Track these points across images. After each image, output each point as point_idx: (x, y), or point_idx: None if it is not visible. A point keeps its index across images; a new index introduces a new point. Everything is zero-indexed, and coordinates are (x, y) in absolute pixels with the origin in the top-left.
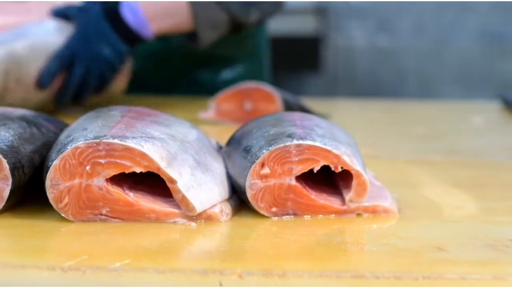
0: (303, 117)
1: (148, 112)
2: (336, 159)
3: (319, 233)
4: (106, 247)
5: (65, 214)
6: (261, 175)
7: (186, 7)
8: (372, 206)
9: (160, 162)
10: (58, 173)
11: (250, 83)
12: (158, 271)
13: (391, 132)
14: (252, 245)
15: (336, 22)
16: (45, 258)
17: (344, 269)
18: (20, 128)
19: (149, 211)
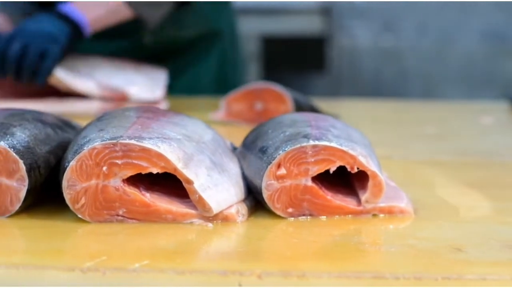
0: (318, 117)
1: (163, 113)
2: (352, 160)
3: (335, 233)
4: (124, 248)
5: (81, 215)
6: (277, 176)
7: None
8: (388, 206)
9: (177, 163)
10: (75, 174)
11: (260, 84)
12: (177, 272)
13: (400, 132)
14: (270, 246)
15: (340, 22)
16: (64, 259)
17: (363, 269)
18: (35, 129)
19: (166, 212)
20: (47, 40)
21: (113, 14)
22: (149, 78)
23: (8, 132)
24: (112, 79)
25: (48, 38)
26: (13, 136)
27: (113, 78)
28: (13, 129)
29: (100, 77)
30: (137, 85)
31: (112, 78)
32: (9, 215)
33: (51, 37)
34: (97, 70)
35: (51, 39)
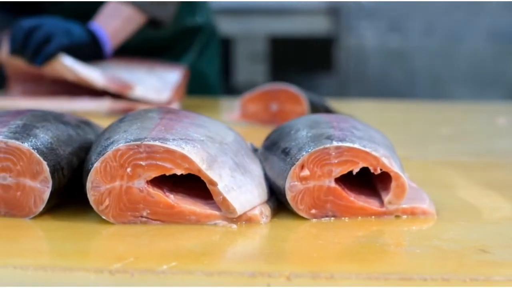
0: (340, 118)
1: (185, 114)
2: (375, 161)
3: (359, 235)
4: (150, 250)
5: (105, 216)
6: (301, 177)
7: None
8: (410, 208)
9: (201, 164)
10: (99, 175)
11: (276, 85)
12: (206, 274)
13: (415, 133)
14: (296, 247)
15: (347, 22)
16: (91, 261)
17: (390, 271)
18: (57, 130)
19: (190, 213)
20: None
21: (129, 23)
22: (158, 79)
23: (31, 133)
24: (118, 74)
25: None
26: (36, 138)
27: (120, 74)
28: (36, 130)
29: (107, 70)
30: (143, 85)
31: (119, 74)
32: (32, 216)
33: (65, 30)
34: (105, 66)
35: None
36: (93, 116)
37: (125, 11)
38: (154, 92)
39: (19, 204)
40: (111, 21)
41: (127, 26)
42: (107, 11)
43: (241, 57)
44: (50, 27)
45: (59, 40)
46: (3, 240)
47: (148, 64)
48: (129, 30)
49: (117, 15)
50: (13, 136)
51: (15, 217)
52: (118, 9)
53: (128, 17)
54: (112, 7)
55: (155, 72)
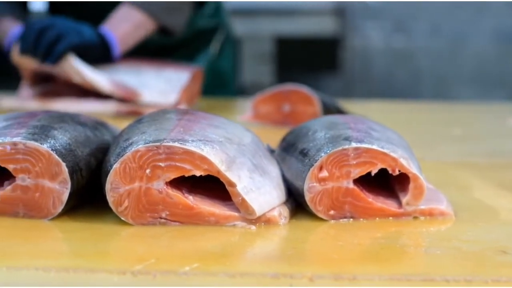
0: (356, 119)
1: (203, 115)
2: (394, 162)
3: (378, 236)
4: (171, 251)
5: (124, 217)
6: (319, 178)
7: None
8: (428, 209)
9: (220, 166)
10: (118, 176)
11: (288, 85)
12: (228, 275)
13: (426, 133)
14: (316, 248)
15: (353, 23)
16: (113, 262)
17: (412, 272)
18: (75, 131)
19: (209, 215)
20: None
21: (139, 29)
22: (166, 81)
23: (50, 134)
24: (125, 79)
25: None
26: (54, 139)
27: (127, 78)
28: (54, 131)
29: (113, 76)
30: (150, 90)
31: (126, 78)
32: (51, 217)
33: (75, 29)
34: (113, 69)
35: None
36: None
37: (136, 16)
38: (161, 96)
39: (38, 205)
40: (121, 26)
41: (136, 32)
42: (118, 15)
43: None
44: (61, 27)
45: (70, 39)
46: (23, 242)
47: (157, 65)
48: (138, 36)
49: (127, 20)
50: (31, 137)
51: (33, 218)
52: (129, 14)
53: (139, 23)
54: (124, 12)
55: (163, 74)
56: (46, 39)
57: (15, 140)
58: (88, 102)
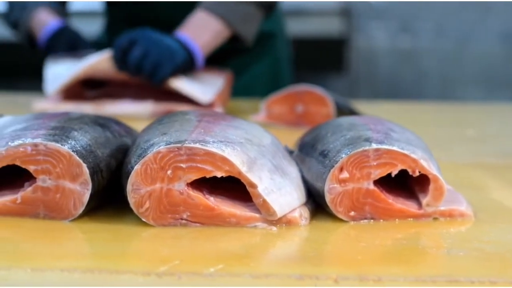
0: (375, 120)
1: (222, 116)
2: (414, 164)
3: (399, 237)
4: (194, 252)
5: (145, 218)
6: (340, 179)
7: (214, 18)
8: (448, 210)
9: (241, 167)
10: (140, 177)
11: (301, 86)
12: (253, 276)
13: (440, 134)
14: (339, 249)
15: (358, 23)
16: (137, 263)
17: (437, 273)
18: (95, 132)
19: (230, 216)
20: (165, 51)
21: (217, 37)
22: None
23: (70, 136)
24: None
25: (166, 50)
26: (75, 140)
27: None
28: (75, 133)
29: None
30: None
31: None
32: (72, 218)
33: (169, 51)
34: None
35: (168, 53)
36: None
37: (215, 25)
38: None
39: (59, 206)
40: (202, 35)
41: (215, 41)
42: (198, 22)
43: None
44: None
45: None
46: (46, 243)
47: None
48: (215, 44)
49: (207, 28)
50: (52, 139)
51: (54, 219)
52: (209, 22)
53: (217, 31)
54: (203, 19)
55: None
56: (144, 70)
57: (36, 141)
58: (123, 104)
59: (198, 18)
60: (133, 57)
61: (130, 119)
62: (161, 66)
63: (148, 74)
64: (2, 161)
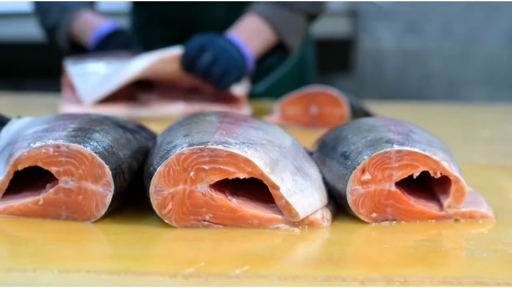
0: (395, 122)
1: (243, 117)
2: (435, 165)
3: (422, 238)
4: (219, 254)
5: (168, 220)
6: (362, 181)
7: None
8: (469, 211)
9: (264, 168)
10: (162, 179)
11: (315, 87)
12: (280, 278)
13: (454, 135)
14: (363, 251)
15: (365, 24)
16: (163, 265)
17: (463, 275)
18: (116, 133)
19: (252, 217)
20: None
21: (265, 45)
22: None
23: (92, 137)
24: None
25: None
26: (97, 141)
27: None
28: (96, 134)
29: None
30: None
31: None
32: (94, 220)
33: (236, 59)
34: None
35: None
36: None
37: (266, 32)
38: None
39: (81, 208)
40: (254, 41)
41: (264, 47)
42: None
43: None
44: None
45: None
46: (70, 244)
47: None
48: (263, 51)
49: (259, 35)
50: (74, 140)
51: (76, 221)
52: (260, 28)
53: (267, 38)
54: (255, 24)
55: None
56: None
57: (58, 143)
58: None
59: (251, 23)
60: (203, 63)
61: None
62: (228, 73)
63: (216, 80)
64: (24, 163)
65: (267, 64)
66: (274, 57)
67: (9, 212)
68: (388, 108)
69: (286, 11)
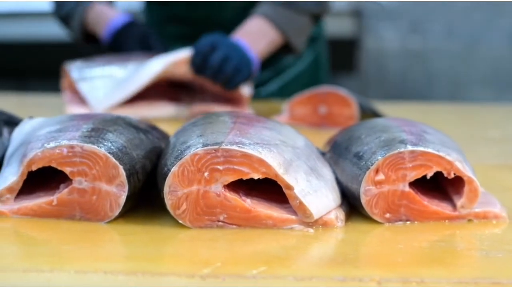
0: (408, 122)
1: (256, 118)
2: (449, 166)
3: (436, 239)
4: (235, 254)
5: (182, 220)
6: (376, 181)
7: (272, 27)
8: (483, 212)
9: (278, 169)
10: (177, 179)
11: (324, 87)
12: (296, 279)
13: (463, 135)
14: (378, 251)
15: (369, 24)
16: (180, 266)
17: (479, 275)
18: (129, 134)
19: (266, 218)
20: (244, 57)
21: (271, 47)
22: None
23: (106, 137)
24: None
25: (244, 56)
26: (111, 142)
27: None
28: (110, 134)
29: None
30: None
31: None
32: (108, 220)
33: (246, 57)
34: None
35: (246, 59)
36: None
37: (271, 34)
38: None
39: (95, 208)
40: (259, 43)
41: (269, 49)
42: (255, 29)
43: None
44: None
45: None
46: (86, 245)
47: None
48: (269, 52)
49: (264, 37)
50: (88, 140)
51: (90, 221)
52: (265, 30)
53: (272, 40)
54: (259, 26)
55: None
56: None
57: (72, 143)
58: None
59: (256, 25)
60: (214, 60)
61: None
62: (240, 72)
63: (227, 79)
64: (38, 163)
65: (281, 64)
66: (288, 58)
67: (23, 213)
68: (392, 108)
69: (290, 11)
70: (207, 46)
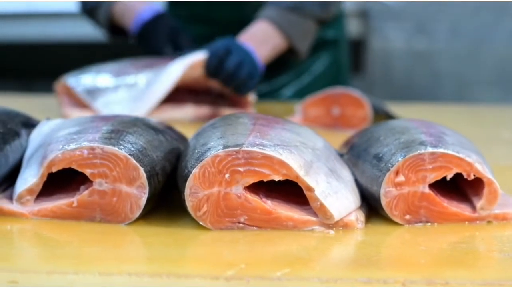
0: (427, 124)
1: (275, 119)
2: (469, 167)
3: (457, 240)
4: (258, 256)
5: (203, 222)
6: (396, 183)
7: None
8: (502, 213)
9: (299, 171)
10: (198, 181)
11: (338, 89)
12: (321, 280)
13: (476, 136)
14: (400, 253)
15: (374, 24)
16: (203, 267)
17: (503, 277)
18: (149, 135)
19: (287, 219)
20: (256, 63)
21: (275, 50)
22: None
23: (126, 139)
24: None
25: (256, 62)
26: (131, 143)
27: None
28: (130, 136)
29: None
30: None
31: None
32: (128, 222)
33: (257, 63)
34: None
35: (257, 65)
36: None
37: (275, 38)
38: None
39: (115, 210)
40: (263, 47)
41: (273, 53)
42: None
43: None
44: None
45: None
46: (107, 247)
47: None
48: (273, 57)
49: (269, 41)
50: (109, 142)
51: (110, 223)
52: (270, 35)
53: (277, 44)
54: (264, 31)
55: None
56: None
57: (93, 145)
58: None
59: (260, 29)
60: (230, 65)
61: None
62: (252, 78)
63: (240, 84)
64: (59, 165)
65: (300, 67)
66: (307, 61)
67: (43, 214)
68: (400, 109)
69: (296, 15)
70: (222, 49)
